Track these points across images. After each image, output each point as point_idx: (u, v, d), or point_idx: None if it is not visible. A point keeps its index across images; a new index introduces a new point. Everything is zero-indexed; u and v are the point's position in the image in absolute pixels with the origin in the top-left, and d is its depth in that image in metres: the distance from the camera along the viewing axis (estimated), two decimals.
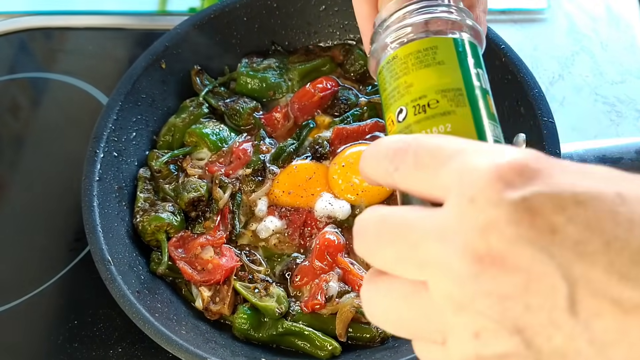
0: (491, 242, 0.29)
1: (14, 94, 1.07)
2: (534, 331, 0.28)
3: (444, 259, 0.30)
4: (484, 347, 0.29)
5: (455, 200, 0.31)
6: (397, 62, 0.43)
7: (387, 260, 0.33)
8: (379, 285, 0.34)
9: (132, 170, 0.83)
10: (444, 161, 0.32)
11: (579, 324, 0.28)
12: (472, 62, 0.42)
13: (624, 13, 1.03)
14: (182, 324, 0.71)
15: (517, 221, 0.29)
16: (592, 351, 0.28)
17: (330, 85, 0.88)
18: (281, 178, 0.82)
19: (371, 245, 0.33)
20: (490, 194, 0.29)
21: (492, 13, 1.03)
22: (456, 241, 0.30)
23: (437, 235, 0.31)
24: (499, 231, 0.29)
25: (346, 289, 0.73)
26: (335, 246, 0.75)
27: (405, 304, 0.33)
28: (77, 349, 0.77)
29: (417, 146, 0.33)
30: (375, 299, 0.34)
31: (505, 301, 0.29)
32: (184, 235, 0.79)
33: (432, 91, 0.40)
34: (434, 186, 0.33)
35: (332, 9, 0.93)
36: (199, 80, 0.91)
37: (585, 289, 0.28)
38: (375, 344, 0.71)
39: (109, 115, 0.82)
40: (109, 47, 1.07)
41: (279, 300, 0.73)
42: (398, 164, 0.34)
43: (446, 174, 0.32)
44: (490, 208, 0.29)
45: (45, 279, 0.84)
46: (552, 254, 0.28)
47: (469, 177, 0.30)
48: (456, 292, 0.30)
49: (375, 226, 0.33)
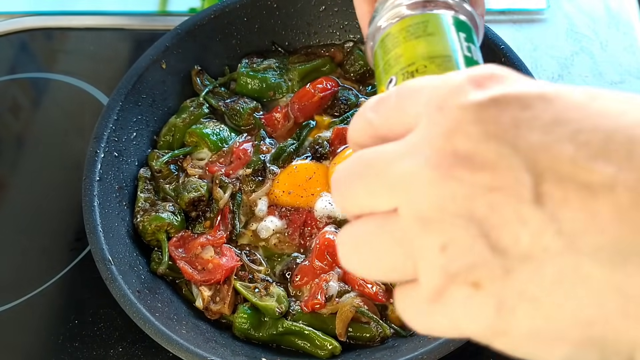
0: (456, 144, 0.28)
1: (15, 94, 1.07)
2: (500, 233, 0.27)
3: (411, 174, 0.29)
4: (450, 261, 0.28)
5: (425, 116, 0.30)
6: (390, 38, 0.43)
7: (359, 197, 0.31)
8: (352, 228, 0.32)
9: (132, 170, 0.84)
10: (422, 90, 0.31)
11: (546, 214, 0.26)
12: (463, 36, 0.42)
13: (624, 13, 1.03)
14: (182, 324, 0.71)
15: (483, 119, 0.28)
16: (560, 244, 0.26)
17: (330, 85, 0.89)
18: (281, 178, 0.82)
19: (344, 186, 0.32)
20: (458, 98, 0.29)
21: (492, 13, 1.03)
22: (424, 152, 0.29)
23: (406, 153, 0.30)
24: (464, 132, 0.28)
25: (346, 288, 0.73)
26: (335, 246, 0.75)
27: (376, 237, 0.31)
28: (77, 349, 0.78)
29: (398, 89, 0.33)
30: (348, 240, 0.32)
31: (470, 203, 0.27)
32: (185, 235, 0.79)
33: (421, 58, 0.40)
34: (410, 116, 0.31)
35: (332, 9, 0.93)
36: (200, 81, 0.91)
37: (551, 177, 0.26)
38: (375, 344, 0.71)
39: (110, 116, 0.82)
40: (109, 48, 1.07)
41: (279, 300, 0.73)
42: (379, 108, 0.33)
43: (422, 97, 0.31)
44: (457, 111, 0.28)
45: (45, 278, 0.84)
46: (517, 147, 0.27)
47: (440, 90, 0.30)
48: (423, 206, 0.28)
49: (349, 166, 0.32)
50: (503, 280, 0.27)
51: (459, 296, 0.28)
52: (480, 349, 0.72)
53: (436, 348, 0.63)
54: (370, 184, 0.31)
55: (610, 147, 0.26)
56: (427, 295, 0.29)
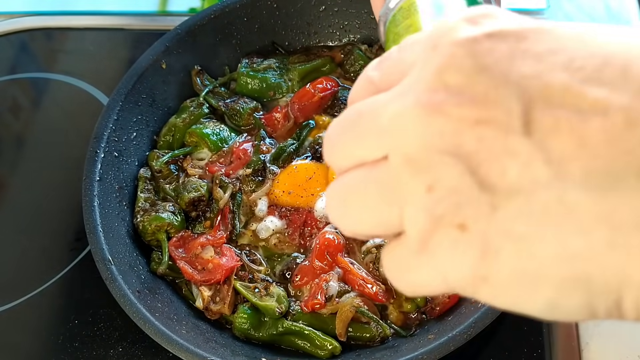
0: (447, 79, 0.27)
1: (15, 94, 1.07)
2: (487, 167, 0.26)
3: (400, 115, 0.27)
4: (436, 202, 0.26)
5: (420, 59, 0.29)
6: (401, 12, 0.44)
7: (348, 148, 0.30)
8: (341, 180, 0.31)
9: (132, 170, 0.84)
10: (420, 38, 0.30)
11: (534, 144, 0.25)
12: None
13: (624, 13, 1.03)
14: (182, 324, 0.71)
15: (476, 53, 0.27)
16: (549, 174, 0.25)
17: (330, 85, 0.89)
18: (281, 178, 0.82)
19: (334, 138, 0.31)
20: (451, 35, 0.28)
21: None
22: (414, 91, 0.27)
23: (397, 96, 0.28)
24: (456, 66, 0.27)
25: (346, 288, 0.73)
26: (335, 246, 0.75)
27: (363, 186, 0.29)
28: (77, 349, 0.78)
29: (400, 44, 0.31)
30: (336, 194, 0.31)
31: (457, 138, 0.26)
32: (185, 235, 0.79)
33: (431, 25, 0.41)
34: (407, 64, 0.30)
35: (332, 9, 0.93)
36: (200, 81, 0.91)
37: (542, 106, 0.25)
38: (375, 344, 0.71)
39: (110, 115, 0.82)
40: (109, 48, 1.07)
41: (279, 300, 0.73)
42: (380, 65, 0.32)
43: (420, 45, 0.30)
44: (450, 47, 0.27)
45: (45, 278, 0.84)
46: (508, 78, 0.26)
47: (436, 31, 0.29)
48: (411, 148, 0.27)
49: (341, 119, 0.31)
50: (488, 219, 0.26)
51: (444, 241, 0.27)
52: (480, 349, 0.72)
53: (436, 348, 0.63)
54: (359, 132, 0.29)
55: (605, 71, 0.25)
56: (413, 247, 0.28)
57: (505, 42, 0.27)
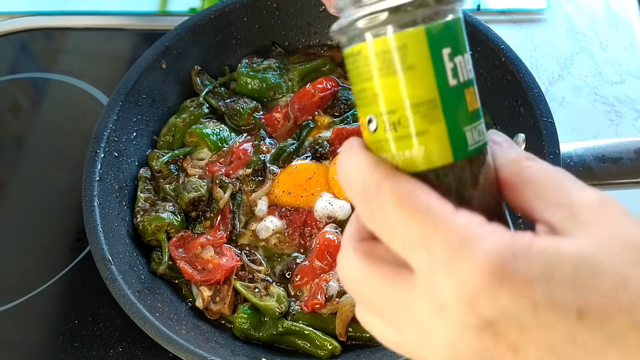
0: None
1: (15, 94, 1.07)
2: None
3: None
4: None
5: (427, 299, 0.32)
6: (361, 60, 0.36)
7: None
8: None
9: (132, 170, 0.84)
10: (414, 243, 0.33)
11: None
12: (447, 54, 0.35)
13: (624, 13, 1.03)
14: (182, 324, 0.71)
15: (481, 348, 0.30)
16: None
17: (330, 85, 0.89)
18: (281, 178, 0.82)
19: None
20: (458, 314, 0.31)
21: (491, 13, 1.03)
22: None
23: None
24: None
25: None
26: (335, 246, 0.75)
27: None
28: (77, 349, 0.78)
29: (398, 229, 0.34)
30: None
31: None
32: (185, 235, 0.79)
33: (403, 106, 0.35)
34: (404, 249, 0.34)
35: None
36: (200, 81, 0.91)
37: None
38: (375, 344, 0.71)
39: (110, 115, 0.82)
40: (109, 48, 1.07)
41: (279, 300, 0.73)
42: (375, 220, 0.36)
43: (428, 259, 0.32)
44: (457, 327, 0.31)
45: (45, 279, 0.84)
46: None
47: (439, 287, 0.31)
48: None
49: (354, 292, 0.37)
50: None
51: None
52: None
53: None
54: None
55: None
56: None
57: (506, 335, 0.30)
